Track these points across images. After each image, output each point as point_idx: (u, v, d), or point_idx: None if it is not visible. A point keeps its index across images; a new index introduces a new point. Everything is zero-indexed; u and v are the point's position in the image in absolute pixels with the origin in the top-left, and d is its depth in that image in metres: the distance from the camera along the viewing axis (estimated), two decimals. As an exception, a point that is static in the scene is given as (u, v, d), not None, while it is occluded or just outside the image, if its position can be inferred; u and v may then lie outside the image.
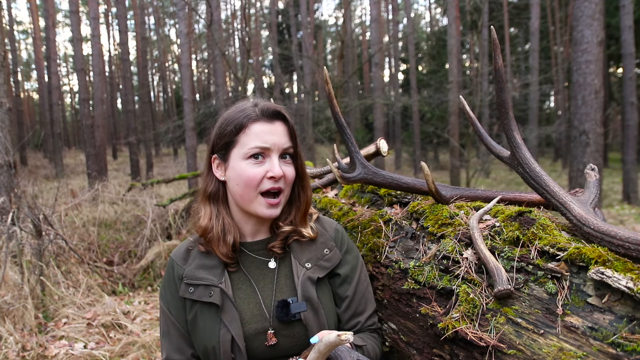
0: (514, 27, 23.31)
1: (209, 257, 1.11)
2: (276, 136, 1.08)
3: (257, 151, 1.06)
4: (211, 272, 1.08)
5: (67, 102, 39.33)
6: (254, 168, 1.06)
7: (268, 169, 1.06)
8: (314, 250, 1.13)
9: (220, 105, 13.60)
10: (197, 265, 1.10)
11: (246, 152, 1.06)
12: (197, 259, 1.12)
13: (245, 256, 1.13)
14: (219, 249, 1.09)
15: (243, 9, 10.58)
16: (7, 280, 3.49)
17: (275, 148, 1.07)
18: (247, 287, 1.09)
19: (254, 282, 1.10)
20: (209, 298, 1.04)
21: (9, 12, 20.60)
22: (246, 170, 1.06)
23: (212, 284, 1.06)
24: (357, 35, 31.20)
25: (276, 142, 1.08)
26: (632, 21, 10.01)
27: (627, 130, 10.25)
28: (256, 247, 1.14)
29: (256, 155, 1.07)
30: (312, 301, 1.05)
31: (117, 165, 20.25)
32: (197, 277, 1.08)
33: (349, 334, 0.81)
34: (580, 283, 0.88)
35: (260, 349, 1.04)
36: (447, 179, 13.27)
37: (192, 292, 1.07)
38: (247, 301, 1.07)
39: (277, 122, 1.10)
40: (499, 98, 1.07)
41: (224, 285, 1.06)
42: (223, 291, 1.05)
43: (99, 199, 7.25)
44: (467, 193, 1.30)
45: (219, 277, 1.07)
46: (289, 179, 1.10)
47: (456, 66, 13.01)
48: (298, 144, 1.13)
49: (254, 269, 1.12)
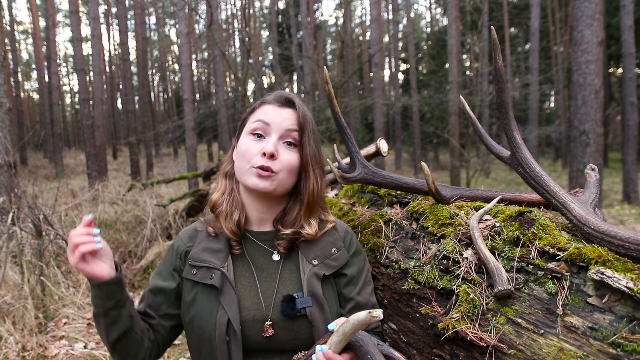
0: (514, 27, 23.31)
1: (216, 240, 1.13)
2: (280, 117, 1.10)
3: (259, 125, 1.10)
4: (215, 256, 1.09)
5: (67, 102, 39.35)
6: (251, 143, 1.09)
7: (264, 147, 1.08)
8: (322, 248, 1.13)
9: (220, 105, 13.62)
10: (203, 248, 1.12)
11: (250, 127, 1.11)
12: (204, 242, 1.14)
13: (251, 243, 1.14)
14: (225, 224, 1.12)
15: (243, 9, 10.58)
16: (7, 280, 3.49)
17: (275, 127, 1.09)
18: (250, 275, 1.10)
19: (256, 272, 1.10)
20: (209, 280, 1.05)
21: (9, 12, 20.60)
22: (245, 143, 1.10)
23: (214, 266, 1.07)
24: (357, 35, 31.18)
25: (278, 121, 1.09)
26: (632, 21, 10.01)
27: (627, 130, 10.25)
28: (262, 237, 1.15)
29: (258, 133, 1.10)
30: (317, 297, 1.04)
31: (117, 165, 20.24)
32: (201, 259, 1.09)
33: (379, 311, 0.77)
34: (581, 283, 0.88)
35: (255, 337, 1.03)
36: (447, 179, 13.27)
37: (195, 274, 1.08)
38: (248, 288, 1.08)
39: (287, 108, 1.12)
40: (499, 98, 1.07)
41: (226, 269, 1.07)
42: (224, 274, 1.06)
43: (99, 199, 7.25)
44: (467, 193, 1.30)
45: (222, 261, 1.08)
46: (285, 164, 1.09)
47: (456, 66, 13.00)
48: (306, 133, 1.12)
49: (258, 257, 1.12)
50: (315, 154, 1.14)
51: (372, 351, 0.87)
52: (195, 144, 10.70)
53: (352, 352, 0.92)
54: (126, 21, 16.06)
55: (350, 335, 0.84)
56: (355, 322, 0.80)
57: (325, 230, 1.16)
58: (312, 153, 1.13)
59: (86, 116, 11.34)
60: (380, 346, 0.90)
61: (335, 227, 1.19)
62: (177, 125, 13.22)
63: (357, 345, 0.89)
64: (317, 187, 1.14)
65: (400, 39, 21.65)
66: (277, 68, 17.48)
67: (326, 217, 1.19)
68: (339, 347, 0.88)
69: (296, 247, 1.13)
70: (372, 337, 0.91)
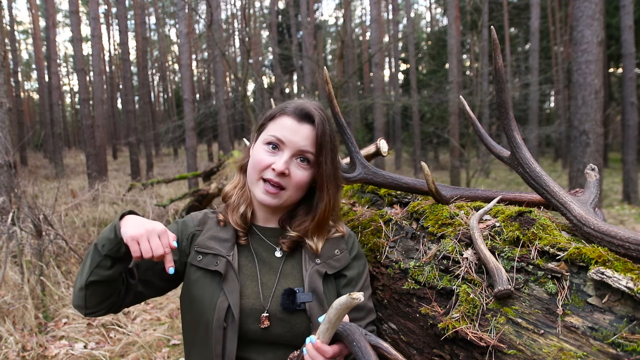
0: (514, 27, 23.31)
1: (224, 230, 1.14)
2: (296, 136, 1.08)
3: (272, 140, 1.09)
4: (222, 245, 1.11)
5: (67, 102, 39.35)
6: (265, 154, 1.10)
7: (275, 162, 1.08)
8: (326, 248, 1.14)
9: (220, 105, 13.62)
10: (211, 235, 1.13)
11: (265, 138, 1.11)
12: (212, 230, 1.15)
13: (257, 237, 1.16)
14: (232, 217, 1.14)
15: (243, 9, 10.58)
16: (7, 280, 3.49)
17: (289, 145, 1.08)
18: (252, 267, 1.11)
19: (259, 264, 1.11)
20: (214, 267, 1.06)
21: (9, 12, 20.61)
22: (259, 153, 1.11)
23: (220, 254, 1.08)
24: (357, 35, 31.18)
25: (293, 140, 1.08)
26: (632, 21, 10.01)
27: (627, 130, 10.26)
28: (268, 233, 1.16)
29: (273, 144, 1.10)
30: (318, 293, 1.06)
31: (117, 165, 20.25)
32: (208, 247, 1.10)
33: (359, 294, 0.78)
34: (581, 283, 0.88)
35: (252, 327, 1.04)
36: (447, 179, 13.26)
37: (200, 260, 1.09)
38: (250, 279, 1.09)
39: (305, 124, 1.10)
40: (499, 98, 1.07)
41: (231, 257, 1.08)
42: (229, 262, 1.07)
43: (99, 199, 7.25)
44: (467, 193, 1.30)
45: (229, 250, 1.10)
46: (295, 182, 1.09)
47: (456, 66, 13.01)
48: (323, 154, 1.09)
49: (262, 251, 1.14)
50: (332, 172, 1.12)
51: (358, 339, 0.88)
52: (195, 144, 10.71)
53: (342, 343, 0.93)
54: (126, 21, 16.06)
55: (335, 321, 0.84)
56: (337, 306, 0.81)
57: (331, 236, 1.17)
58: (327, 172, 1.11)
59: (86, 116, 11.35)
60: (368, 336, 0.91)
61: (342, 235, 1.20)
62: (177, 125, 13.23)
63: (344, 334, 0.91)
64: (330, 205, 1.14)
65: (400, 39, 21.64)
66: (277, 68, 17.48)
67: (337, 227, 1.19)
68: (327, 336, 0.89)
69: (300, 247, 1.14)
70: (360, 328, 0.92)
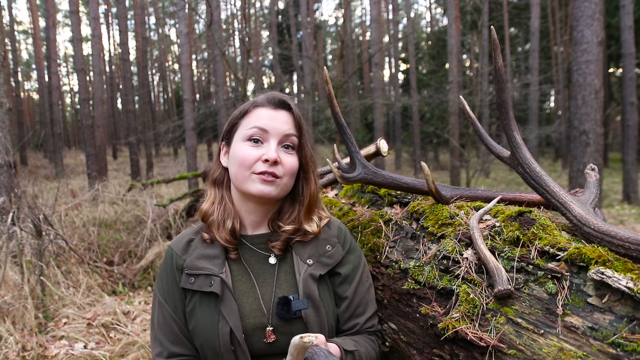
0: (514, 27, 23.31)
1: (211, 246, 1.10)
2: (277, 122, 1.08)
3: (255, 132, 1.07)
4: (212, 262, 1.07)
5: (67, 102, 39.37)
6: (249, 149, 1.07)
7: (264, 153, 1.05)
8: (316, 246, 1.11)
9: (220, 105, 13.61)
10: (198, 255, 1.09)
11: (245, 134, 1.08)
12: (199, 249, 1.11)
13: (246, 248, 1.12)
14: (219, 234, 1.09)
15: (243, 9, 10.57)
16: (7, 280, 3.49)
17: (274, 132, 1.07)
18: (247, 281, 1.08)
19: (254, 276, 1.08)
20: (209, 287, 1.03)
21: (9, 12, 20.60)
22: (242, 150, 1.07)
23: (212, 273, 1.04)
24: (357, 35, 31.17)
25: (276, 127, 1.07)
26: (632, 21, 10.01)
27: (627, 130, 10.25)
28: (257, 241, 1.13)
29: (255, 138, 1.07)
30: (313, 299, 1.03)
31: (117, 165, 20.25)
32: (198, 267, 1.06)
33: (312, 337, 0.78)
34: (581, 283, 0.88)
35: (258, 345, 1.03)
36: (447, 179, 13.26)
37: (193, 283, 1.05)
38: (247, 295, 1.06)
39: (282, 111, 1.10)
40: (499, 98, 1.07)
41: (224, 275, 1.04)
42: (223, 281, 1.03)
43: (99, 199, 7.25)
44: (467, 193, 1.30)
45: (220, 267, 1.06)
46: (288, 168, 1.08)
47: (456, 66, 13.00)
48: (304, 135, 1.11)
49: (254, 262, 1.10)
50: (311, 154, 1.13)
51: None
52: (195, 144, 10.70)
53: None
54: (126, 21, 16.06)
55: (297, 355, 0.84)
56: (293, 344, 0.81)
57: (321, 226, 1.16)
58: (309, 154, 1.12)
59: (86, 116, 11.34)
60: None
61: (328, 224, 1.18)
62: (177, 125, 13.24)
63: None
64: (317, 186, 1.15)
65: (400, 39, 21.64)
66: (277, 68, 17.49)
67: (320, 214, 1.18)
68: None
69: (290, 247, 1.11)
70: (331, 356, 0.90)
